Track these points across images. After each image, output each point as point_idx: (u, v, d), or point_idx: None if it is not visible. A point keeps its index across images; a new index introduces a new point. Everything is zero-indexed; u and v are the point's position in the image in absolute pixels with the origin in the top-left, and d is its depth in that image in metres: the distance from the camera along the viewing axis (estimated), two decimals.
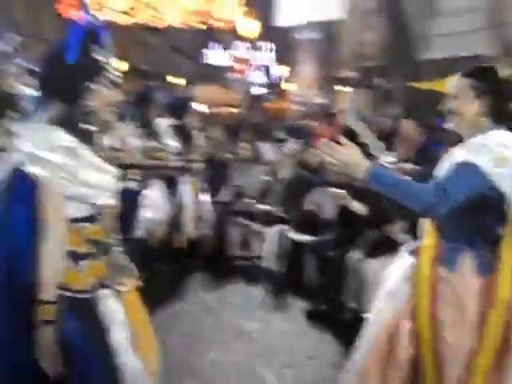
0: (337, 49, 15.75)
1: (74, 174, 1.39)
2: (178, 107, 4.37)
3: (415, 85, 7.88)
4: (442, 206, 1.46)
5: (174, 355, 2.78)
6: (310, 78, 15.06)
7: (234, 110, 13.61)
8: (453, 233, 1.61)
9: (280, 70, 19.71)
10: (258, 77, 18.07)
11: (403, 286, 1.67)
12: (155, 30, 22.67)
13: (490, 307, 1.50)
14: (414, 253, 1.70)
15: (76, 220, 1.44)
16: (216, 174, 5.28)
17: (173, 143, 4.06)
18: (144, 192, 3.86)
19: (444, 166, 1.61)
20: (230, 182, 5.32)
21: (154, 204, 3.95)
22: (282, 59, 19.90)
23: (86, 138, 1.45)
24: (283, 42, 18.27)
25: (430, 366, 1.54)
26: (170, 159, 3.99)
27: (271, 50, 20.80)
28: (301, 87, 14.92)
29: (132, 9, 14.63)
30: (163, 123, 4.13)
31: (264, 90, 17.28)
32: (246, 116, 12.31)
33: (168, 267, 4.17)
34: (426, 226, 1.70)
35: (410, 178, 1.64)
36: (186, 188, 4.25)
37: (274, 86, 20.84)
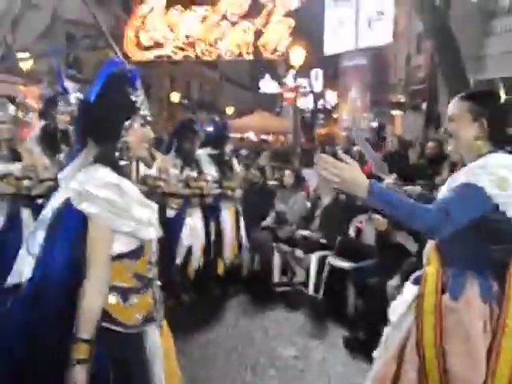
0: (386, 73, 15.64)
1: (122, 209, 1.42)
2: (218, 137, 4.52)
3: None
4: (444, 228, 1.43)
5: (209, 380, 2.86)
6: (359, 104, 15.02)
7: (283, 138, 13.78)
8: (458, 259, 1.57)
9: (330, 97, 19.86)
10: (308, 104, 18.28)
11: (408, 317, 1.62)
12: (210, 63, 23.84)
13: (498, 338, 1.44)
14: (418, 282, 1.65)
15: (123, 255, 1.47)
16: (260, 201, 5.39)
17: (211, 172, 4.23)
18: (185, 220, 4.03)
19: (445, 189, 1.59)
20: (273, 209, 5.39)
21: (193, 232, 4.11)
22: (331, 86, 20.06)
23: (124, 173, 1.53)
24: (332, 69, 18.46)
25: None
26: (208, 188, 4.15)
27: (321, 78, 21.07)
28: (350, 113, 14.90)
29: (188, 44, 15.47)
30: (202, 153, 4.32)
31: (314, 117, 17.42)
32: (295, 143, 12.43)
33: (209, 293, 4.30)
34: (430, 253, 1.65)
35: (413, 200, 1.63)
36: (226, 215, 4.38)
37: (323, 112, 20.96)
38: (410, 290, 1.69)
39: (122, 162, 1.52)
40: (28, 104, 7.40)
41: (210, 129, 4.60)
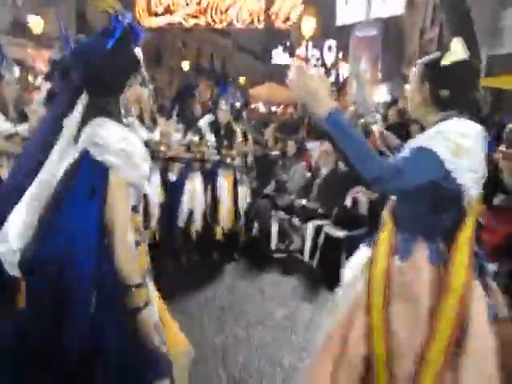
0: (398, 46, 15.31)
1: (135, 163, 1.42)
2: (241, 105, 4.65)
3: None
4: (389, 183, 1.41)
5: (204, 333, 3.06)
6: (368, 76, 14.78)
7: (291, 109, 13.70)
8: (409, 224, 1.60)
9: (342, 69, 19.54)
10: None
11: (360, 278, 1.64)
12: (223, 31, 23.43)
13: (442, 298, 1.46)
14: (371, 245, 1.68)
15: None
16: (262, 170, 5.50)
17: (212, 138, 4.33)
18: (186, 184, 4.18)
19: (403, 151, 1.58)
20: (273, 178, 5.51)
21: (193, 196, 4.26)
22: (343, 57, 19.71)
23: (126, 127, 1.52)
24: (344, 40, 18.13)
25: (383, 364, 1.50)
26: (209, 153, 4.27)
27: (334, 49, 20.66)
28: (361, 85, 14.70)
29: (199, 11, 15.27)
30: (205, 119, 4.40)
31: None
32: (302, 115, 12.37)
33: (208, 257, 4.48)
34: (385, 218, 1.68)
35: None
36: (222, 182, 4.47)
37: (336, 84, 20.65)
38: (363, 252, 1.72)
39: (129, 118, 1.56)
40: (37, 68, 7.49)
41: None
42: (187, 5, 15.23)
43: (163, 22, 15.61)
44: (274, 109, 16.55)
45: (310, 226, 4.77)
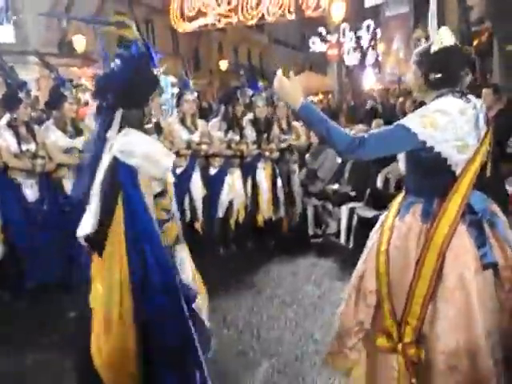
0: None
1: (153, 160, 1.90)
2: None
3: None
4: (353, 155, 1.77)
5: (240, 314, 3.31)
6: (401, 55, 14.38)
7: (330, 96, 13.69)
8: (414, 189, 1.87)
9: (377, 49, 19.09)
10: (354, 59, 17.79)
11: (377, 231, 1.98)
12: (257, 26, 23.63)
13: (426, 249, 1.72)
14: (389, 207, 1.99)
15: (156, 195, 1.97)
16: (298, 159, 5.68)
17: (253, 135, 4.66)
18: (225, 178, 4.55)
19: None
20: (304, 165, 5.64)
21: (232, 188, 4.59)
22: (377, 38, 19.24)
23: (149, 133, 2.00)
24: (376, 21, 17.71)
25: (386, 298, 1.84)
26: (248, 150, 4.61)
27: (370, 29, 20.19)
28: (394, 65, 14.34)
29: (230, 10, 15.56)
30: (245, 118, 4.74)
31: (360, 72, 17.00)
32: (339, 101, 12.34)
33: (247, 245, 4.74)
34: (403, 185, 1.99)
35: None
36: (261, 174, 4.77)
37: (375, 66, 20.24)
38: (382, 216, 2.03)
39: (148, 125, 1.98)
40: (84, 85, 8.11)
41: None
42: (218, 6, 15.55)
43: (197, 25, 16.04)
44: (311, 98, 16.52)
45: (344, 210, 4.89)
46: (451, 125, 1.70)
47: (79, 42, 13.97)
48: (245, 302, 3.54)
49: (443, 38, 1.79)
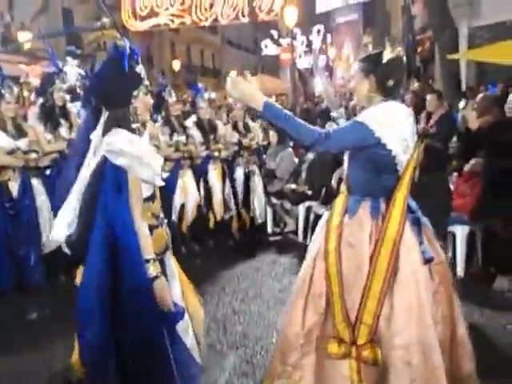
0: (382, 27, 15.49)
1: (147, 163, 1.80)
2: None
3: (455, 56, 7.79)
4: (320, 147, 1.83)
5: (206, 310, 3.39)
6: (352, 60, 14.99)
7: (283, 99, 13.97)
8: (358, 188, 1.96)
9: (328, 53, 19.71)
10: (306, 63, 18.28)
11: (320, 232, 2.03)
12: (210, 28, 23.59)
13: (378, 244, 1.81)
14: (331, 208, 2.07)
15: (145, 199, 1.86)
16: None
17: (199, 136, 4.66)
18: (177, 181, 4.51)
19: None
20: (263, 166, 5.80)
21: (184, 191, 4.58)
22: (326, 43, 19.88)
23: (135, 133, 1.91)
24: (326, 27, 18.31)
25: (338, 297, 1.85)
26: (197, 151, 4.61)
27: (322, 35, 20.78)
28: (344, 70, 14.95)
29: (183, 11, 15.48)
30: (189, 119, 4.74)
31: (312, 76, 17.49)
32: (293, 103, 12.65)
33: (204, 245, 4.80)
34: (342, 187, 2.08)
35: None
36: (213, 175, 4.81)
37: (326, 69, 20.84)
38: (325, 214, 2.11)
39: (134, 125, 1.91)
40: (32, 83, 7.78)
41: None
42: (171, 6, 15.44)
43: (149, 24, 15.83)
44: None
45: (301, 208, 5.10)
46: (399, 126, 1.86)
47: (25, 39, 13.40)
48: (210, 297, 3.64)
49: (393, 47, 1.94)
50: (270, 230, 5.37)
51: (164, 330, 1.84)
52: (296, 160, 5.66)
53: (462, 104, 6.15)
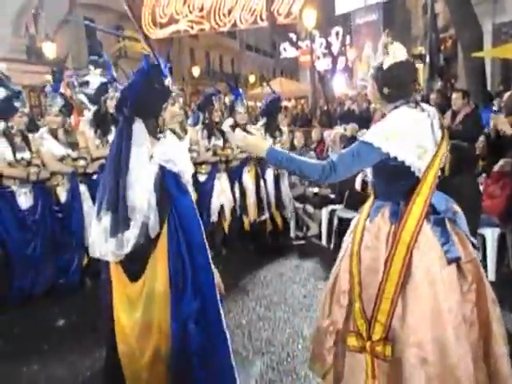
0: (403, 26, 15.28)
1: (188, 169, 2.07)
2: (272, 108, 5.01)
3: (479, 54, 7.60)
4: (329, 180, 1.86)
5: (230, 316, 3.38)
6: (372, 62, 14.84)
7: (303, 101, 13.92)
8: (381, 193, 2.00)
9: (348, 55, 19.54)
10: (325, 65, 18.19)
11: (350, 234, 2.11)
12: (228, 33, 23.74)
13: (394, 247, 1.85)
14: (360, 211, 2.11)
15: None
16: None
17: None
18: (215, 183, 4.63)
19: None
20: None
21: (222, 193, 4.67)
22: (347, 44, 19.72)
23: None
24: (345, 28, 18.16)
25: (357, 296, 1.94)
26: (233, 154, 4.70)
27: (341, 37, 20.64)
28: (366, 72, 14.82)
29: (202, 17, 15.64)
30: (226, 123, 4.80)
31: (333, 78, 17.38)
32: (313, 106, 12.59)
33: (237, 247, 4.83)
34: (369, 190, 2.14)
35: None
36: (247, 177, 4.86)
37: (346, 71, 20.68)
38: (355, 219, 2.14)
39: (160, 134, 2.03)
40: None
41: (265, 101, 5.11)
42: (190, 12, 15.61)
43: (169, 31, 16.03)
44: (285, 103, 16.77)
45: (324, 212, 5.04)
46: (409, 134, 1.84)
47: (49, 49, 13.74)
48: (234, 303, 3.62)
49: (396, 53, 1.89)
50: (292, 234, 5.33)
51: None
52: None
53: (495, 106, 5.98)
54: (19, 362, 2.89)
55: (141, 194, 1.91)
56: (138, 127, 1.96)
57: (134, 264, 1.97)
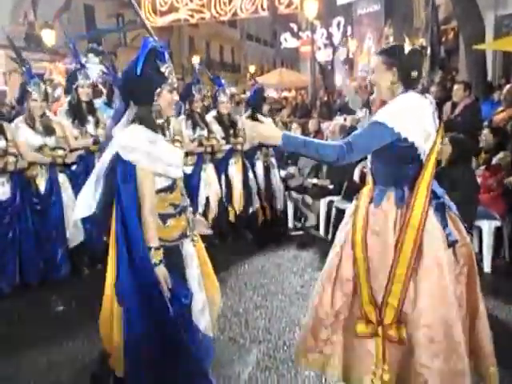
0: (403, 18, 15.14)
1: (155, 157, 1.92)
2: (257, 100, 4.94)
3: (480, 47, 7.57)
4: (345, 159, 1.83)
5: (227, 304, 3.40)
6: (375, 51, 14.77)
7: (303, 92, 13.86)
8: (383, 179, 2.00)
9: (349, 46, 19.41)
10: (326, 56, 18.09)
11: (348, 221, 2.09)
12: (229, 22, 23.55)
13: (403, 231, 1.87)
14: (358, 197, 2.11)
15: (161, 190, 1.99)
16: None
17: (220, 130, 4.67)
18: (201, 174, 4.55)
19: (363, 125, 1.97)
20: (283, 160, 5.77)
21: (208, 184, 4.61)
22: (348, 35, 19.58)
23: (158, 130, 2.00)
24: (347, 19, 18.02)
25: (364, 282, 1.95)
26: (219, 145, 4.61)
27: (342, 27, 20.49)
28: (366, 63, 14.71)
29: (203, 6, 15.49)
30: (210, 114, 4.75)
31: (333, 69, 17.28)
32: (313, 97, 12.54)
33: (225, 238, 4.81)
34: (368, 178, 2.12)
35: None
36: (233, 168, 4.82)
37: (347, 62, 20.59)
38: (352, 204, 2.14)
39: (158, 121, 2.00)
40: (55, 80, 7.89)
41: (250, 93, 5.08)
42: (191, 1, 15.46)
43: (169, 20, 15.90)
44: (285, 93, 16.70)
45: (323, 203, 5.05)
46: (417, 117, 1.88)
47: (48, 36, 13.62)
48: (232, 292, 3.65)
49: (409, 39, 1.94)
50: (290, 224, 5.35)
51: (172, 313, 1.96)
52: None
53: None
54: (18, 348, 2.92)
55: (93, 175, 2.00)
56: (129, 113, 1.95)
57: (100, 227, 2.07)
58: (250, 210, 4.89)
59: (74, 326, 3.14)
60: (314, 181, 5.26)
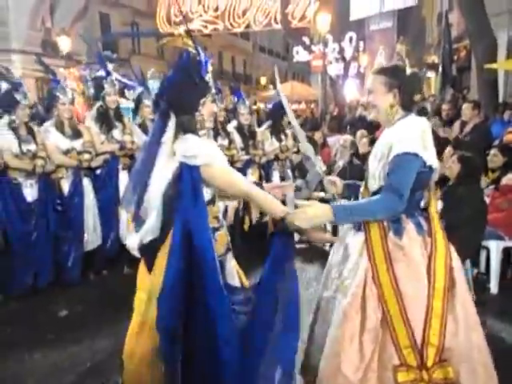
0: (418, 34, 15.24)
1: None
2: (276, 112, 4.96)
3: (492, 66, 7.58)
4: (400, 208, 1.73)
5: None
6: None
7: (313, 106, 13.92)
8: None
9: (360, 61, 19.49)
10: (337, 70, 18.19)
11: (360, 259, 1.88)
12: (242, 34, 23.77)
13: (432, 258, 1.78)
14: (364, 229, 1.89)
15: (207, 202, 1.87)
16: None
17: (238, 140, 4.75)
18: None
19: (377, 157, 1.85)
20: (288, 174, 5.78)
21: None
22: (360, 50, 19.68)
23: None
24: (359, 34, 18.15)
25: (398, 320, 1.75)
26: (238, 155, 4.69)
27: (354, 42, 20.59)
28: None
29: (217, 17, 15.70)
30: (231, 124, 4.84)
31: (344, 83, 17.35)
32: (323, 111, 12.58)
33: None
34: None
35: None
36: (250, 179, 4.86)
37: (359, 77, 20.66)
38: (358, 236, 1.93)
39: (202, 131, 1.93)
40: (69, 86, 7.97)
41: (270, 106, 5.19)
42: (205, 12, 15.68)
43: (182, 30, 16.09)
44: (295, 106, 16.78)
45: None
46: (430, 140, 1.81)
47: (64, 43, 13.86)
48: None
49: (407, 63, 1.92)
50: (296, 237, 5.32)
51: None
52: (324, 167, 5.60)
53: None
54: (22, 351, 2.93)
55: (153, 193, 1.83)
56: (171, 125, 1.86)
57: (146, 254, 1.88)
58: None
59: (79, 329, 3.15)
60: (321, 194, 5.25)
